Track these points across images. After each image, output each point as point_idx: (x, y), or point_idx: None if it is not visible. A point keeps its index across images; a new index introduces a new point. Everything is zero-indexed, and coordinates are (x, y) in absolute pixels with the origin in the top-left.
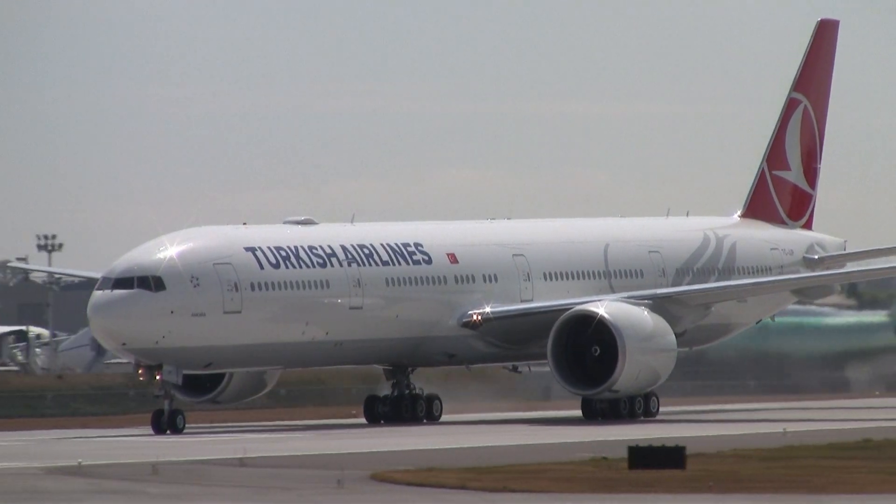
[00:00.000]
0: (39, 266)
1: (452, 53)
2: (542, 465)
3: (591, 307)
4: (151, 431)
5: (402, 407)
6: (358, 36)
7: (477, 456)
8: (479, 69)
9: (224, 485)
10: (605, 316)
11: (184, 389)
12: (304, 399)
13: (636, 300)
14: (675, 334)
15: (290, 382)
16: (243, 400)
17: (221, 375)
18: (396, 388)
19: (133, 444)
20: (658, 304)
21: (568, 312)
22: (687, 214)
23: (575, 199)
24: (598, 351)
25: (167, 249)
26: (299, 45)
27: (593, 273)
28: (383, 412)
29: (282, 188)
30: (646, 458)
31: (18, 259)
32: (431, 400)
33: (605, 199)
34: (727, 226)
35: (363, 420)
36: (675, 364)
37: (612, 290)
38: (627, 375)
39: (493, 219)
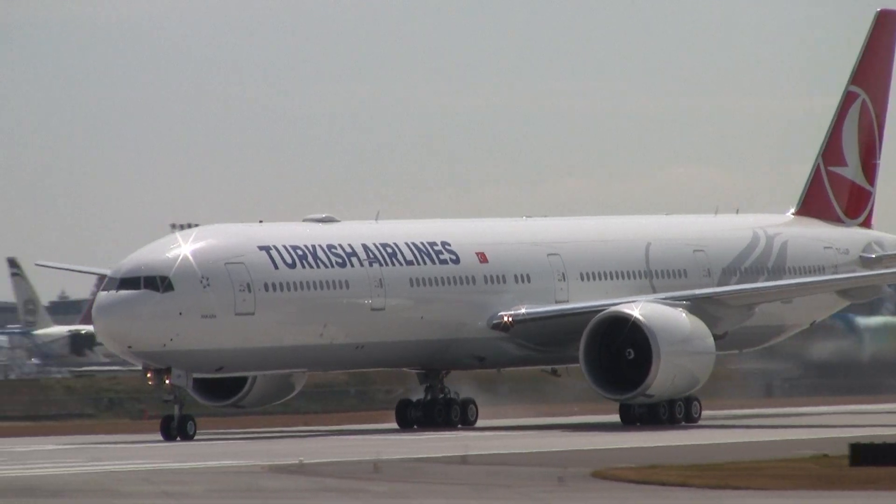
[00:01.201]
0: (69, 265)
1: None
2: (761, 462)
3: (625, 308)
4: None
5: (434, 411)
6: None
7: (697, 453)
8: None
9: (445, 482)
10: (639, 318)
11: (204, 393)
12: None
13: (673, 301)
14: (716, 336)
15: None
16: (269, 404)
17: (244, 378)
18: (430, 392)
19: (354, 441)
20: (696, 305)
21: (601, 314)
22: (737, 212)
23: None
24: (632, 354)
25: (176, 248)
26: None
27: (633, 273)
28: (415, 417)
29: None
30: (868, 455)
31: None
32: (467, 404)
33: (648, 196)
34: (779, 224)
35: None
36: (713, 366)
37: (654, 290)
38: (662, 379)
39: (529, 216)
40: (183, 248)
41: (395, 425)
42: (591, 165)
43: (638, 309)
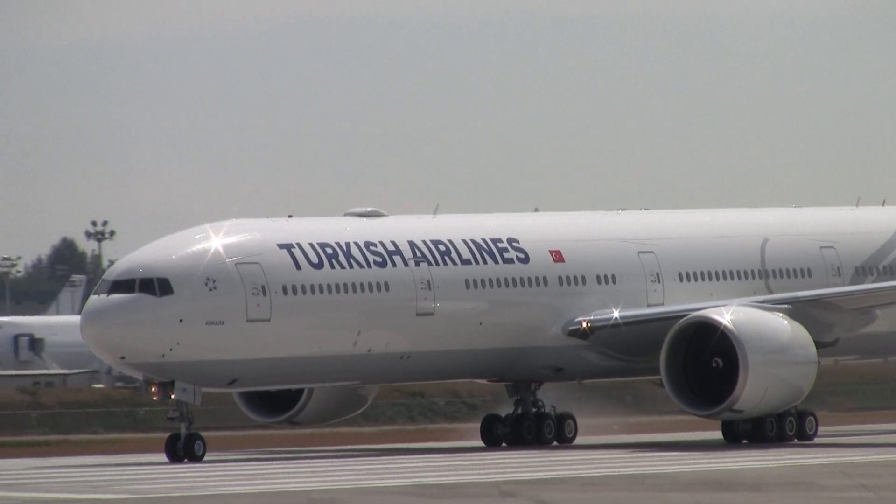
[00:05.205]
0: None
1: None
2: None
3: (713, 314)
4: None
5: (523, 427)
6: None
7: None
8: None
9: None
10: (727, 324)
11: (255, 408)
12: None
13: (771, 305)
14: (826, 343)
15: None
16: (332, 420)
17: (300, 391)
18: (520, 405)
19: None
20: (800, 310)
21: (684, 319)
22: (883, 203)
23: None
24: (720, 364)
25: (179, 247)
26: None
27: (745, 272)
28: (503, 433)
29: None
30: None
31: None
32: (563, 419)
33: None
34: None
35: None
36: (814, 378)
37: (770, 291)
38: (751, 393)
39: (623, 210)
40: (187, 247)
41: (480, 442)
42: (695, 154)
43: (729, 314)
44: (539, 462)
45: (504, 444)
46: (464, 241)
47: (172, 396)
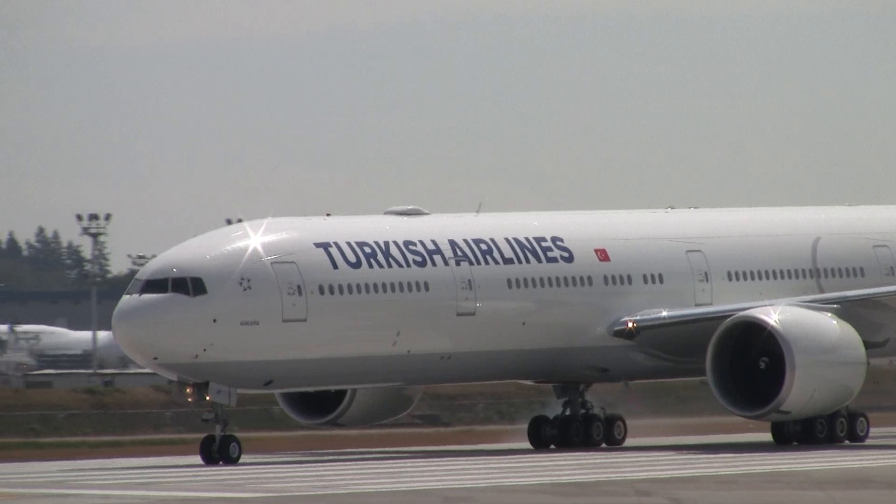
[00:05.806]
0: None
1: None
2: None
3: (759, 314)
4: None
5: (571, 429)
6: None
7: None
8: None
9: None
10: (774, 324)
11: (298, 409)
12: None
13: (820, 304)
14: (876, 343)
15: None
16: (377, 421)
17: (342, 393)
18: (569, 406)
19: None
20: (849, 309)
21: (730, 319)
22: None
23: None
24: (766, 364)
25: (213, 245)
26: None
27: (796, 272)
28: (550, 435)
29: None
30: None
31: None
32: (613, 421)
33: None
34: None
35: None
36: (863, 379)
37: (822, 291)
38: (799, 394)
39: (672, 208)
40: (221, 246)
41: (527, 444)
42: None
43: (776, 314)
44: (671, 461)
45: (552, 447)
46: (506, 239)
47: (208, 398)
